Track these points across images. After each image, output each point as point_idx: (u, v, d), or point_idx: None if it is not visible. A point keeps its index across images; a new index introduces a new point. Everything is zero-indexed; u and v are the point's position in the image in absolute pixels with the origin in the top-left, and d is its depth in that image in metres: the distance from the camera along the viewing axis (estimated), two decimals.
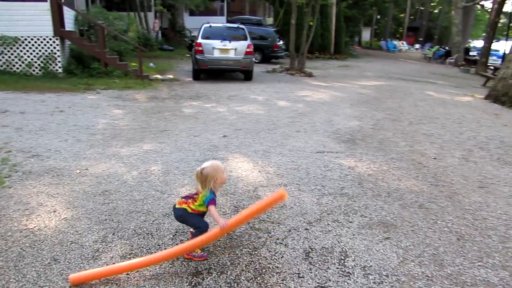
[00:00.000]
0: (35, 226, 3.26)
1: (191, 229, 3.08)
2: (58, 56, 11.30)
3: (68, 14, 12.09)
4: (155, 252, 2.92)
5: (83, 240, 3.09)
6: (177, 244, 2.99)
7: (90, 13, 14.04)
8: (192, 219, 2.91)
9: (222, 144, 5.61)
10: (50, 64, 11.27)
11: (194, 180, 3.05)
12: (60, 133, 5.97)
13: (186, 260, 2.87)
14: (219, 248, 3.03)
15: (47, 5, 10.78)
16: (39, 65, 11.22)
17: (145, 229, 3.28)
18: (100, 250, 2.98)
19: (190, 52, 19.95)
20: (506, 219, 3.72)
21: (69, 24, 12.22)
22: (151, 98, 9.06)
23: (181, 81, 11.94)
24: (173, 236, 3.19)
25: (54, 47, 11.21)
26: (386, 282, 2.70)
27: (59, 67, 11.39)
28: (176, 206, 2.95)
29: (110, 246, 3.03)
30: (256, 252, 3.00)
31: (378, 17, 44.96)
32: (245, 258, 2.92)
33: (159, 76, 12.21)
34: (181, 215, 2.92)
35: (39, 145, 5.36)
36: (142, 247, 3.02)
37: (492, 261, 3.02)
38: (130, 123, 6.74)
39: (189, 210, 2.86)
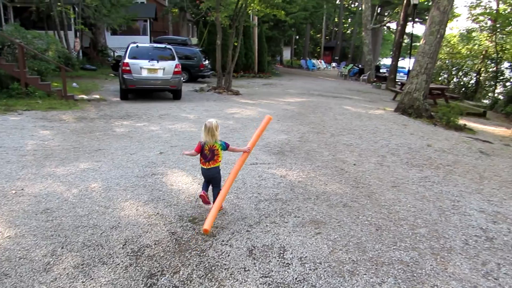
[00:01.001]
0: None
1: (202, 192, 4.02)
2: None
3: None
4: (107, 261, 3.09)
5: (32, 255, 3.17)
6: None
7: (6, 31, 13.39)
8: (219, 173, 4.06)
9: (159, 161, 5.81)
10: None
11: (205, 135, 3.89)
12: None
13: (139, 264, 3.07)
14: (169, 253, 3.27)
15: None
16: None
17: (94, 241, 3.42)
18: (51, 263, 3.08)
19: (114, 72, 19.68)
20: (414, 211, 4.37)
21: None
22: (79, 118, 8.92)
23: (108, 101, 11.80)
24: (123, 245, 3.37)
25: None
26: (320, 268, 3.13)
27: None
28: (208, 167, 3.94)
29: (60, 259, 3.14)
30: (204, 254, 3.28)
31: (297, 37, 47.27)
32: (194, 259, 3.19)
33: (84, 96, 11.98)
34: (218, 171, 4.03)
35: None
36: (94, 257, 3.17)
37: (404, 245, 3.59)
38: (61, 143, 6.66)
39: (219, 165, 4.03)
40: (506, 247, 3.68)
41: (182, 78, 12.94)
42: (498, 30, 22.71)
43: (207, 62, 19.76)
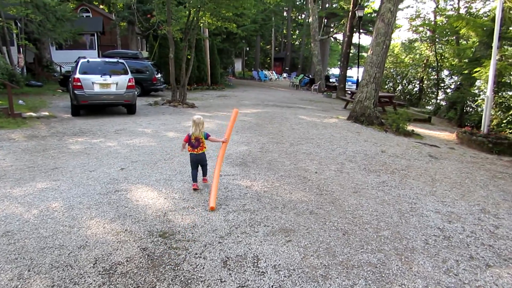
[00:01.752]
0: None
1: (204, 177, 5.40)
2: None
3: None
4: (79, 281, 3.01)
5: None
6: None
7: None
8: (205, 157, 5.23)
9: (121, 177, 5.69)
10: None
11: (194, 128, 5.04)
12: None
13: (112, 282, 3.01)
14: (143, 269, 3.23)
15: None
16: None
17: (62, 262, 3.31)
18: (19, 287, 2.95)
19: (62, 88, 19.01)
20: (376, 215, 4.58)
21: None
22: (30, 136, 8.55)
23: (59, 117, 11.39)
24: (93, 264, 3.28)
25: None
26: (294, 275, 3.21)
27: None
28: (197, 153, 5.08)
29: (29, 282, 3.03)
30: (178, 267, 3.27)
31: (248, 49, 47.86)
32: (169, 273, 3.18)
33: (33, 114, 11.49)
34: (204, 156, 5.19)
35: None
36: (64, 278, 3.08)
37: (371, 247, 3.75)
38: (13, 163, 6.36)
39: (205, 151, 5.19)
40: (462, 245, 3.94)
41: (136, 92, 12.74)
42: (437, 40, 24.19)
43: (159, 75, 19.55)
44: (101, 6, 37.98)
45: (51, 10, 21.11)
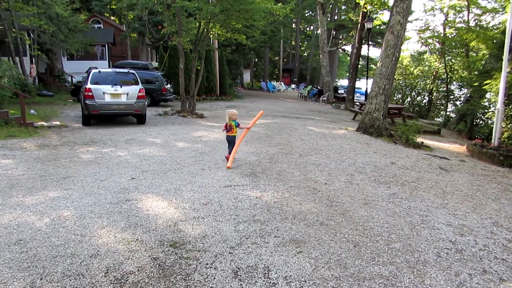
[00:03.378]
0: None
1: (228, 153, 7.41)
2: None
3: None
4: None
5: None
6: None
7: None
8: (234, 139, 7.39)
9: (132, 186, 5.73)
10: None
11: (227, 118, 7.41)
12: None
13: None
14: (154, 279, 3.24)
15: None
16: None
17: (74, 271, 3.33)
18: None
19: (73, 97, 19.24)
20: (387, 227, 4.55)
21: None
22: (42, 145, 8.65)
23: (70, 127, 11.52)
24: (105, 274, 3.30)
25: None
26: (305, 286, 3.20)
27: None
28: (230, 135, 7.37)
29: None
30: (189, 277, 3.27)
31: (256, 60, 48.17)
32: (180, 283, 3.18)
33: (44, 123, 11.63)
34: (234, 138, 7.37)
35: None
36: (76, 287, 3.09)
37: (382, 260, 3.73)
38: (25, 172, 6.43)
39: (235, 135, 7.38)
40: (475, 258, 3.90)
41: (146, 103, 12.86)
42: (447, 52, 24.15)
43: (169, 85, 19.73)
44: (112, 18, 38.59)
45: (63, 21, 21.50)
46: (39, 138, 9.51)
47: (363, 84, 26.71)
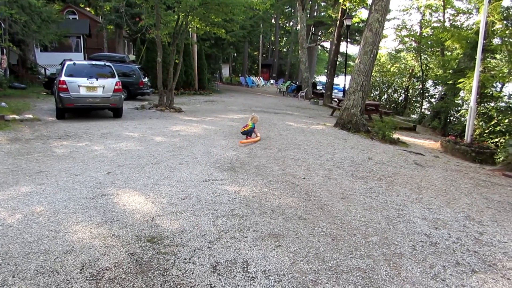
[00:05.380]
0: None
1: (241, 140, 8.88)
2: None
3: None
4: (67, 286, 2.96)
5: None
6: None
7: None
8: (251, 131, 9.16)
9: (108, 181, 5.62)
10: None
11: (249, 120, 9.31)
12: None
13: None
14: (131, 274, 3.19)
15: None
16: None
17: (48, 268, 3.25)
18: None
19: (46, 90, 18.74)
20: (364, 221, 4.61)
21: None
22: (13, 139, 8.40)
23: (43, 120, 11.21)
24: (80, 270, 3.23)
25: None
26: (284, 280, 3.21)
27: None
28: (243, 130, 9.10)
29: None
30: (168, 273, 3.24)
31: (235, 55, 47.96)
32: (158, 279, 3.14)
33: (16, 117, 11.28)
34: (246, 132, 9.06)
35: None
36: (50, 284, 3.02)
37: (360, 253, 3.77)
38: None
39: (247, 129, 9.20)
40: (448, 251, 3.99)
41: (123, 96, 12.63)
42: (422, 51, 24.59)
43: (146, 79, 19.43)
44: (87, 9, 37.69)
45: (36, 11, 20.81)
46: (10, 132, 9.22)
47: (341, 81, 27.03)
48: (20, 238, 3.75)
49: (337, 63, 24.92)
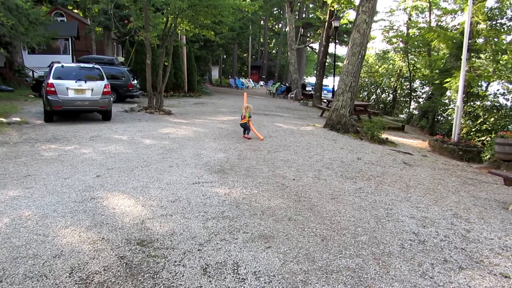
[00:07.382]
0: None
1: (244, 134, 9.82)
2: None
3: None
4: None
5: None
6: None
7: None
8: (246, 125, 9.82)
9: (97, 184, 5.59)
10: None
11: (243, 110, 9.91)
12: None
13: None
14: (121, 278, 3.18)
15: None
16: None
17: (36, 272, 3.23)
18: None
19: (34, 93, 18.55)
20: (354, 221, 4.65)
21: None
22: (0, 143, 8.30)
23: (31, 123, 11.10)
24: (69, 274, 3.21)
25: None
26: (274, 281, 3.23)
27: None
28: (242, 122, 9.82)
29: None
30: (157, 275, 3.23)
31: (225, 56, 47.97)
32: (148, 282, 3.14)
33: (3, 120, 11.15)
34: (245, 124, 9.76)
35: None
36: None
37: (349, 252, 3.81)
38: None
39: (247, 122, 9.81)
40: (436, 248, 4.04)
41: (111, 99, 12.56)
42: (409, 51, 24.83)
43: (135, 81, 19.33)
44: (76, 11, 37.41)
45: (24, 13, 20.61)
46: None
47: (330, 82, 27.10)
48: (7, 242, 3.72)
49: (326, 64, 25.06)
